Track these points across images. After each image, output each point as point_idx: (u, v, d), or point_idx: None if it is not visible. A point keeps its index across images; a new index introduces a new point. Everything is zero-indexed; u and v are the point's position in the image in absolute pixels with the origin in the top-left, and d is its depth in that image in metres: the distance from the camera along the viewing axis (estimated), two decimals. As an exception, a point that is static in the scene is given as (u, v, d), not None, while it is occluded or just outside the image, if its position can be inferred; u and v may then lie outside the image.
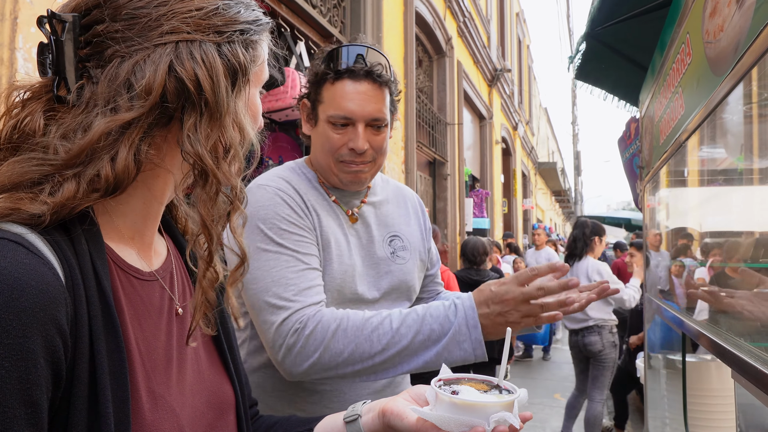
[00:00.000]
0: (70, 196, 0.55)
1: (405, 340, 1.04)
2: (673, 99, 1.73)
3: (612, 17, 2.44)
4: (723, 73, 1.05)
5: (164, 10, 0.61)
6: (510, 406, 0.66)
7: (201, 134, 0.61)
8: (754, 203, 1.23)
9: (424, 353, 1.04)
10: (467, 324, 1.03)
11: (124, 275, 0.63)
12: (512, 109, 13.74)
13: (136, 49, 0.59)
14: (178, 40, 0.60)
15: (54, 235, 0.55)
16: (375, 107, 1.19)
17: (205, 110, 0.61)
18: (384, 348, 1.04)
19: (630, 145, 3.42)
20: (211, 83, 0.61)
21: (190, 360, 0.70)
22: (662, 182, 2.33)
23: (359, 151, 1.19)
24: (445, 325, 1.04)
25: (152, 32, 0.60)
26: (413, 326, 1.05)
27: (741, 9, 0.91)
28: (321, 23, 4.19)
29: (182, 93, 0.60)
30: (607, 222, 14.83)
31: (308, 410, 1.18)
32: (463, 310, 1.04)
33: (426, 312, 1.07)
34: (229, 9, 0.65)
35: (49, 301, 0.50)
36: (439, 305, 1.08)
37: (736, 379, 1.26)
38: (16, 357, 0.47)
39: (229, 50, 0.63)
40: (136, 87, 0.58)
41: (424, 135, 6.88)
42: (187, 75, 0.59)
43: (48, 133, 0.58)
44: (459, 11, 7.99)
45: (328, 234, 1.21)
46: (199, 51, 0.61)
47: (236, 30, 0.65)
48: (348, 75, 1.18)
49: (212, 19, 0.63)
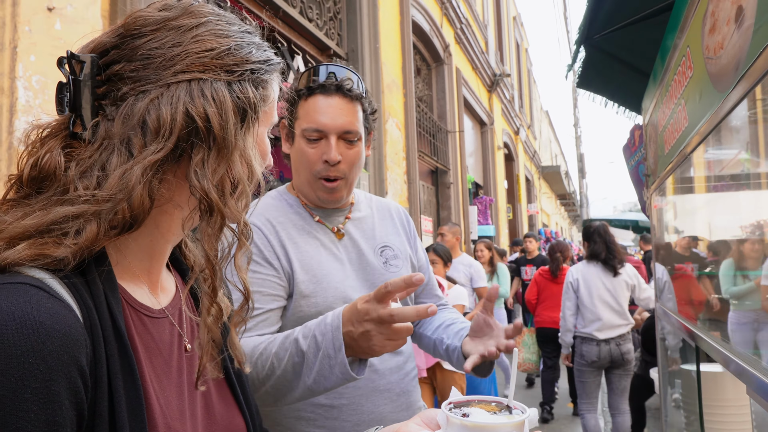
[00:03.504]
0: (93, 237, 0.57)
1: (282, 363, 1.01)
2: (677, 110, 1.71)
3: (610, 24, 2.42)
4: (725, 89, 1.04)
5: (178, 50, 0.63)
6: (520, 426, 0.67)
7: (208, 169, 0.62)
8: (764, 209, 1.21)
9: (302, 378, 1.00)
10: (333, 345, 0.96)
11: (136, 314, 0.64)
12: (513, 114, 13.73)
13: (149, 89, 0.62)
14: (190, 78, 0.62)
15: (71, 278, 0.56)
16: (346, 120, 1.23)
17: (213, 146, 0.63)
18: (268, 374, 1.02)
19: (635, 153, 3.40)
20: (219, 120, 0.63)
21: (201, 395, 0.71)
22: (669, 190, 2.30)
23: (332, 162, 1.23)
24: (312, 346, 0.99)
25: (166, 72, 0.62)
26: (289, 348, 1.01)
27: (740, 29, 0.90)
28: (318, 36, 4.20)
29: (192, 130, 0.62)
30: (614, 224, 14.76)
31: (328, 426, 1.19)
32: (330, 331, 0.97)
33: (299, 332, 1.02)
34: (240, 49, 0.67)
35: (72, 343, 0.51)
36: (312, 323, 1.02)
37: (750, 395, 1.23)
38: (44, 400, 0.48)
39: (239, 88, 0.65)
40: (150, 126, 0.60)
41: (425, 144, 6.88)
42: (197, 112, 0.61)
43: (68, 169, 0.60)
44: (456, 18, 8.01)
45: (311, 258, 1.23)
46: (210, 89, 0.63)
47: (247, 69, 0.67)
48: (320, 90, 1.24)
49: (224, 59, 0.65)
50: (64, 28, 2.01)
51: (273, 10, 3.65)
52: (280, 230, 1.25)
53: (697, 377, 2.28)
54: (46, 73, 1.93)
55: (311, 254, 1.24)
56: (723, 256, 1.64)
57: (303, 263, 1.22)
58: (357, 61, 4.76)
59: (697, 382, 2.28)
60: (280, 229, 1.25)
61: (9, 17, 1.83)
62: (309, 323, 1.04)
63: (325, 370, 0.98)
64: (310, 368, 0.99)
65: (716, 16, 1.07)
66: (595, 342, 4.02)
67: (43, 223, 0.57)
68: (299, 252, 1.23)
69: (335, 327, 0.97)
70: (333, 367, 0.97)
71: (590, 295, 4.05)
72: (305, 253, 1.24)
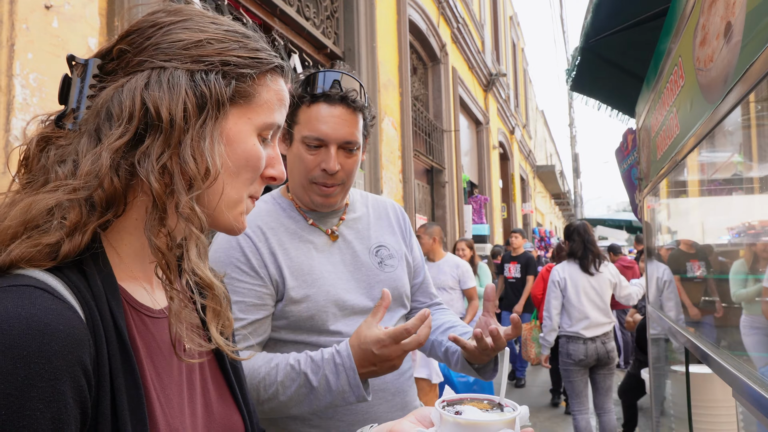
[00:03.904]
0: (78, 219, 0.58)
1: (288, 392, 1.10)
2: (669, 117, 1.73)
3: (606, 29, 2.44)
4: (714, 101, 1.06)
5: (147, 43, 0.64)
6: (512, 423, 0.68)
7: (153, 154, 0.61)
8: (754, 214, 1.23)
9: (309, 405, 1.11)
10: (349, 383, 1.08)
11: (136, 314, 0.65)
12: (509, 113, 13.76)
13: (118, 78, 0.64)
14: (153, 67, 0.63)
15: (73, 279, 0.57)
16: (348, 131, 1.23)
17: (162, 132, 0.62)
18: (270, 398, 1.11)
19: (627, 156, 3.43)
20: (168, 106, 0.62)
21: (200, 393, 0.72)
22: (661, 194, 2.32)
23: (331, 172, 1.23)
24: (323, 384, 1.09)
25: (132, 62, 0.64)
26: (297, 380, 1.10)
27: (729, 45, 0.92)
28: (314, 35, 4.20)
29: (146, 116, 0.62)
30: (607, 224, 14.84)
31: (323, 426, 1.21)
32: (344, 371, 1.08)
33: (308, 368, 1.11)
34: (216, 44, 0.66)
35: (76, 343, 0.53)
36: (317, 358, 1.12)
37: (736, 398, 1.25)
38: (49, 399, 0.50)
39: (201, 78, 0.64)
40: (113, 112, 0.61)
41: (420, 143, 6.89)
42: (150, 98, 0.62)
43: (48, 157, 0.62)
44: (452, 17, 8.01)
45: (301, 263, 1.25)
46: (167, 77, 0.63)
47: (216, 61, 0.65)
48: (323, 99, 1.23)
49: (191, 50, 0.65)
50: (62, 26, 2.01)
51: (270, 8, 3.65)
52: (270, 236, 1.25)
53: (686, 378, 2.31)
54: (43, 71, 1.93)
55: (302, 260, 1.25)
56: (715, 259, 1.66)
57: (293, 270, 1.23)
58: (353, 60, 4.77)
59: (686, 383, 2.31)
60: (271, 236, 1.26)
61: (6, 15, 1.83)
62: (314, 357, 1.12)
63: (338, 401, 1.09)
64: (320, 399, 1.10)
65: (707, 29, 1.09)
66: (582, 340, 4.05)
67: (27, 221, 0.58)
68: (289, 259, 1.24)
69: (348, 367, 1.08)
70: (347, 398, 1.09)
71: (577, 293, 4.07)
72: (295, 259, 1.25)
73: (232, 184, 0.68)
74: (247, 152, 0.69)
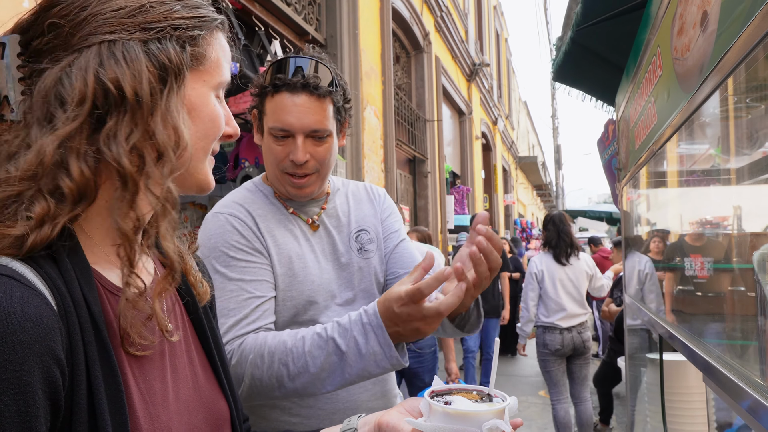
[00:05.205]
0: (45, 212, 0.56)
1: (318, 361, 1.03)
2: (647, 107, 1.75)
3: (588, 19, 2.44)
4: (690, 90, 1.07)
5: (84, 14, 0.60)
6: (501, 413, 0.70)
7: (121, 135, 0.59)
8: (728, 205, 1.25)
9: (343, 374, 1.04)
10: (379, 343, 1.00)
11: (114, 298, 0.62)
12: (492, 104, 13.80)
13: (61, 57, 0.59)
14: (99, 42, 0.59)
15: (42, 266, 0.55)
16: (313, 119, 1.20)
17: (128, 111, 0.59)
18: (301, 371, 1.04)
19: (608, 147, 3.46)
20: (132, 82, 0.59)
21: (184, 378, 0.70)
22: (639, 184, 2.35)
23: (298, 163, 1.21)
24: (352, 346, 1.02)
25: (73, 38, 0.59)
26: (325, 347, 1.04)
27: (705, 33, 0.93)
28: (296, 21, 4.14)
29: (107, 96, 0.59)
30: (588, 215, 15.02)
31: (303, 414, 1.20)
32: (372, 330, 1.01)
33: (335, 332, 1.04)
34: (159, 6, 0.63)
35: (45, 332, 0.50)
36: (344, 322, 1.05)
37: (706, 383, 1.28)
38: (15, 391, 0.48)
39: (157, 47, 0.61)
40: (64, 96, 0.58)
41: (403, 132, 6.88)
42: (107, 76, 0.58)
43: None
44: (436, 6, 7.98)
45: (288, 251, 1.23)
46: (120, 50, 0.59)
47: (166, 26, 0.62)
48: (285, 88, 1.20)
49: (136, 17, 0.61)
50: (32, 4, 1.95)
51: (251, -7, 3.58)
52: (260, 222, 1.24)
53: (660, 366, 2.35)
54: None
55: (288, 247, 1.24)
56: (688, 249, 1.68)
57: (280, 257, 1.22)
58: (335, 47, 4.72)
59: (660, 370, 2.36)
60: (260, 222, 1.24)
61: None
62: (341, 322, 1.05)
63: (371, 367, 1.02)
64: (353, 367, 1.02)
65: (684, 19, 1.10)
66: (558, 330, 4.11)
67: None
68: (277, 245, 1.23)
69: (376, 326, 1.00)
70: (380, 363, 1.01)
71: (554, 285, 4.14)
72: (282, 246, 1.23)
73: (200, 147, 0.68)
74: (211, 115, 0.69)
